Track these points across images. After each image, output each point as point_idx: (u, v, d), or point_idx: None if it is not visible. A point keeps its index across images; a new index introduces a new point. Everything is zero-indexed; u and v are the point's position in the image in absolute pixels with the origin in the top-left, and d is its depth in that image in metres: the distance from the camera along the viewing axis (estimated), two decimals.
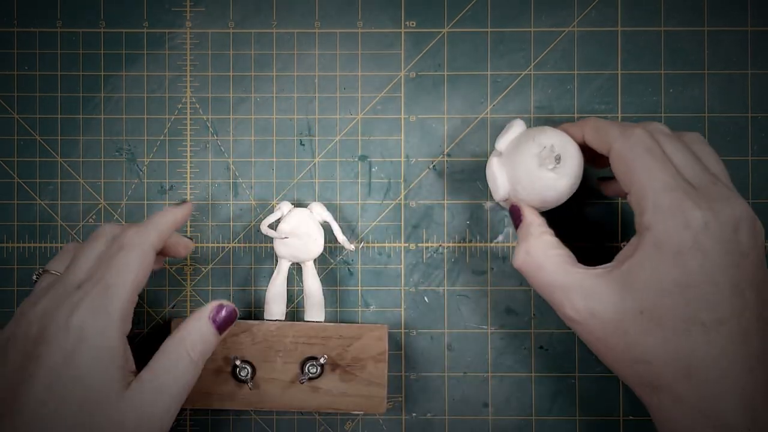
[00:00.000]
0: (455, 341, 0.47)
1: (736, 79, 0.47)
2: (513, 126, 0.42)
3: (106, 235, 0.39)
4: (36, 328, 0.34)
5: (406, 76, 0.48)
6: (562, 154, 0.39)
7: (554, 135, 0.40)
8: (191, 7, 0.48)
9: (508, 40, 0.48)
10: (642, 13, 0.48)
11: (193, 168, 0.48)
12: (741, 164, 0.47)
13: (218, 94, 0.48)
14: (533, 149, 0.40)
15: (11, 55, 0.48)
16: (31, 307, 0.36)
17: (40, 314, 0.35)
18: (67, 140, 0.48)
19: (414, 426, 0.47)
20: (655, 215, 0.33)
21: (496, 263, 0.47)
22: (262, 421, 0.47)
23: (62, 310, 0.34)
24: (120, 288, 0.35)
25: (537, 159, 0.39)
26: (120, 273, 0.35)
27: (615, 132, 0.36)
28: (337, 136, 0.48)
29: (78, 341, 0.33)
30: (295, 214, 0.44)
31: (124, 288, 0.35)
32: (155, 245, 0.37)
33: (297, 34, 0.48)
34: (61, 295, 0.35)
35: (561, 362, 0.47)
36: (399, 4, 0.48)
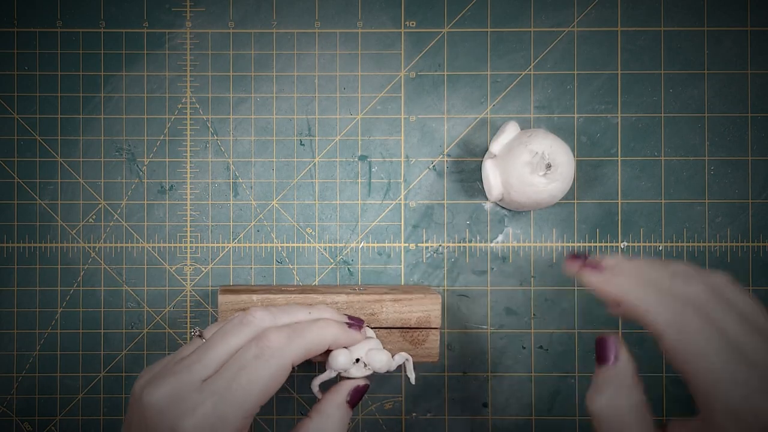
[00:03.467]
0: (455, 341, 0.47)
1: (736, 79, 0.47)
2: (507, 128, 0.43)
3: (255, 325, 0.35)
4: (150, 418, 0.33)
5: (406, 76, 0.48)
6: (553, 160, 0.41)
7: (545, 140, 0.41)
8: (191, 7, 0.48)
9: (508, 40, 0.48)
10: (642, 13, 0.48)
11: (193, 168, 0.48)
12: (741, 164, 0.47)
13: (218, 94, 0.48)
14: (525, 156, 0.41)
15: (11, 55, 0.48)
16: (154, 385, 0.33)
17: (156, 403, 0.33)
18: (67, 140, 0.48)
19: (414, 426, 0.47)
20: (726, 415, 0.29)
21: (496, 263, 0.47)
22: (263, 421, 0.47)
23: (175, 410, 0.32)
24: (242, 403, 0.32)
25: (529, 166, 0.41)
26: (250, 384, 0.32)
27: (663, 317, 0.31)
28: (337, 136, 0.48)
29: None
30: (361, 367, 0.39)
31: (245, 404, 0.32)
32: (296, 362, 0.34)
33: (297, 34, 0.48)
34: (181, 390, 0.33)
35: (561, 362, 0.47)
36: (399, 4, 0.48)
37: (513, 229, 0.47)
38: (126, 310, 0.48)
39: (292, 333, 0.34)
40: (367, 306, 0.42)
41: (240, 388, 0.32)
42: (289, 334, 0.34)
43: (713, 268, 0.47)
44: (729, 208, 0.47)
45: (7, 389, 0.47)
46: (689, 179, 0.47)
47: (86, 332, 0.47)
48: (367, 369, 0.38)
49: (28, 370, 0.47)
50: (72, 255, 0.47)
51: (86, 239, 0.47)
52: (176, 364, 0.35)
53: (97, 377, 0.47)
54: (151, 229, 0.48)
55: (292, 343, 0.34)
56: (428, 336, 0.42)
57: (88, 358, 0.47)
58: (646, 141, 0.47)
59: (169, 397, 0.33)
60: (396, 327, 0.42)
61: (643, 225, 0.47)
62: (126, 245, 0.48)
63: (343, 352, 0.37)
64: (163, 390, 0.33)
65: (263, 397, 0.33)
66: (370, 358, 0.37)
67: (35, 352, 0.47)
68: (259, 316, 0.36)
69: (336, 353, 0.37)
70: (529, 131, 0.41)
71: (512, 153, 0.41)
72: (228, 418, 0.32)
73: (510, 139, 0.42)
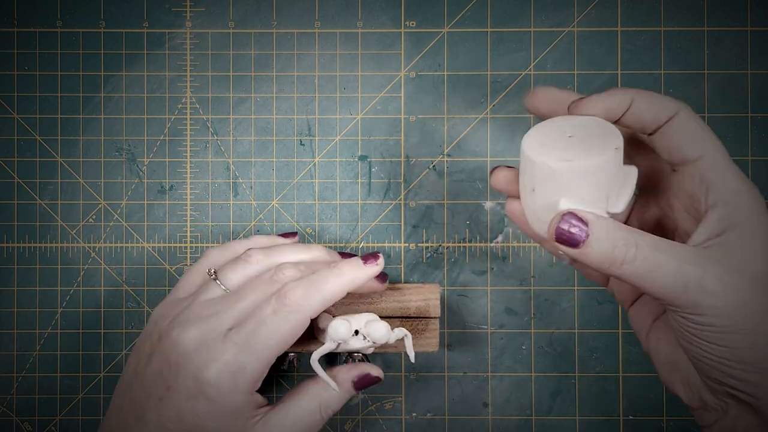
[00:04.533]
0: (455, 341, 0.47)
1: (736, 79, 0.47)
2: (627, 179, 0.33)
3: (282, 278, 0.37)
4: (175, 357, 0.35)
5: (406, 76, 0.48)
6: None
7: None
8: (191, 7, 0.48)
9: (508, 40, 0.48)
10: (642, 13, 0.48)
11: (193, 168, 0.48)
12: (741, 164, 0.47)
13: (218, 94, 0.48)
14: None
15: (11, 55, 0.48)
16: (184, 327, 0.36)
17: (183, 346, 0.35)
18: (67, 140, 0.48)
19: (414, 426, 0.47)
20: (735, 179, 0.30)
21: (495, 263, 0.47)
22: None
23: (201, 356, 0.34)
24: (261, 356, 0.34)
25: None
26: (268, 338, 0.34)
27: (672, 100, 0.32)
28: (337, 136, 0.48)
29: (200, 393, 0.34)
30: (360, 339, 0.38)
31: (264, 355, 0.34)
32: (315, 315, 0.36)
33: (297, 34, 0.48)
34: (208, 337, 0.35)
35: (561, 362, 0.47)
36: (399, 4, 0.48)
37: (513, 229, 0.47)
38: (126, 310, 0.48)
39: (310, 287, 0.35)
40: (366, 294, 0.42)
41: (259, 342, 0.34)
42: (307, 290, 0.35)
43: None
44: None
45: (7, 389, 0.47)
46: None
47: (86, 332, 0.47)
48: (367, 341, 0.37)
49: (28, 370, 0.47)
50: (72, 255, 0.47)
51: (86, 239, 0.47)
52: (203, 308, 0.37)
53: (97, 377, 0.47)
54: (151, 229, 0.48)
55: (309, 298, 0.35)
56: (428, 325, 0.42)
57: (88, 358, 0.47)
58: None
59: (197, 342, 0.35)
60: (395, 316, 0.41)
61: None
62: (126, 245, 0.48)
63: (343, 323, 0.37)
64: (193, 334, 0.35)
65: (280, 348, 0.35)
66: (369, 329, 0.37)
67: (35, 352, 0.47)
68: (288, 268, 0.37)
69: (336, 323, 0.37)
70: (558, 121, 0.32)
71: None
72: (247, 367, 0.34)
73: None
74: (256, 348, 0.34)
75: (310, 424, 0.36)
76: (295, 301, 0.35)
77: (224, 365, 0.34)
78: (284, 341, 0.35)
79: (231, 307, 0.36)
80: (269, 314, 0.35)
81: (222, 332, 0.35)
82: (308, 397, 0.36)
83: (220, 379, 0.34)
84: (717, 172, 0.31)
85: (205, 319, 0.36)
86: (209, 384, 0.34)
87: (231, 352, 0.34)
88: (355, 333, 0.37)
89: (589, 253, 0.29)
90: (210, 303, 0.37)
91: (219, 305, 0.37)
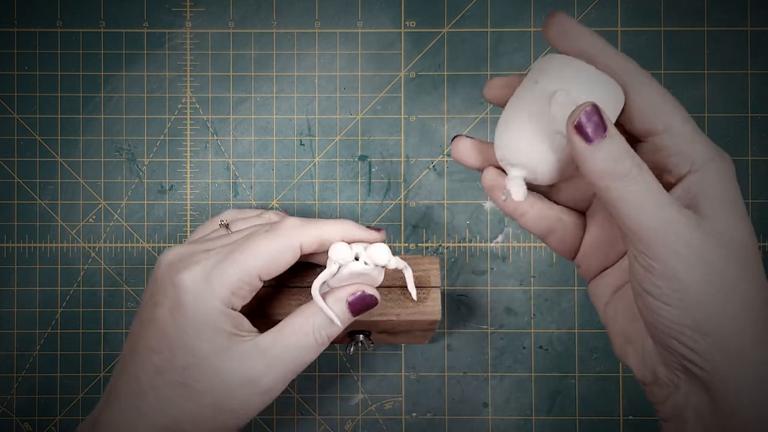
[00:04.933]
0: (455, 341, 0.47)
1: (736, 79, 0.47)
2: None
3: (270, 217, 0.39)
4: (161, 272, 0.35)
5: (406, 76, 0.48)
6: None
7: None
8: (191, 7, 0.48)
9: (508, 40, 0.48)
10: (642, 13, 0.48)
11: (193, 168, 0.48)
12: (741, 164, 0.47)
13: (218, 94, 0.48)
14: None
15: (11, 55, 0.48)
16: (175, 248, 0.36)
17: (168, 261, 0.35)
18: (67, 140, 0.48)
19: (414, 426, 0.47)
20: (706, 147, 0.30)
21: (495, 263, 0.47)
22: (263, 421, 0.47)
23: (179, 265, 0.34)
24: (241, 265, 0.34)
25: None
26: (251, 253, 0.34)
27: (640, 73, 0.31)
28: (337, 136, 0.48)
29: (178, 300, 0.34)
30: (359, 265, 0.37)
31: (244, 266, 0.34)
32: (305, 245, 0.35)
33: (297, 34, 0.48)
34: (189, 252, 0.35)
35: (561, 362, 0.47)
36: (399, 4, 0.48)
37: (513, 229, 0.47)
38: (126, 310, 0.48)
39: (308, 221, 0.36)
40: None
41: (243, 251, 0.34)
42: (304, 221, 0.36)
43: None
44: None
45: (7, 389, 0.47)
46: None
47: (86, 332, 0.47)
48: (368, 266, 0.36)
49: (28, 370, 0.47)
50: (72, 255, 0.47)
51: (86, 239, 0.48)
52: (201, 239, 0.37)
53: (97, 377, 0.47)
54: (151, 229, 0.48)
55: (304, 227, 0.35)
56: (429, 294, 0.41)
57: (88, 358, 0.47)
58: None
59: (182, 255, 0.35)
60: (396, 285, 0.41)
61: None
62: (126, 245, 0.48)
63: (344, 244, 0.36)
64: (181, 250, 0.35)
65: (264, 266, 0.34)
66: (370, 252, 0.36)
67: (35, 352, 0.47)
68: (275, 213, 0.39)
69: (337, 244, 0.36)
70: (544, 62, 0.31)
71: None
72: (225, 272, 0.33)
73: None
74: (236, 257, 0.34)
75: (303, 347, 0.35)
76: (290, 226, 0.35)
77: (201, 269, 0.34)
78: (268, 257, 0.34)
79: (227, 236, 0.36)
80: (261, 232, 0.35)
81: (202, 250, 0.35)
82: (301, 320, 0.35)
83: (194, 282, 0.33)
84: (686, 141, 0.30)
85: (198, 242, 0.36)
86: (183, 287, 0.33)
87: (212, 259, 0.34)
88: (356, 259, 0.37)
89: (596, 154, 0.28)
90: (209, 236, 0.38)
91: (216, 236, 0.37)
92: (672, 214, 0.28)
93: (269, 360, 0.34)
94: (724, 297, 0.28)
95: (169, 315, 0.34)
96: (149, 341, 0.34)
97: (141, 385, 0.34)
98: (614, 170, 0.28)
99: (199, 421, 0.34)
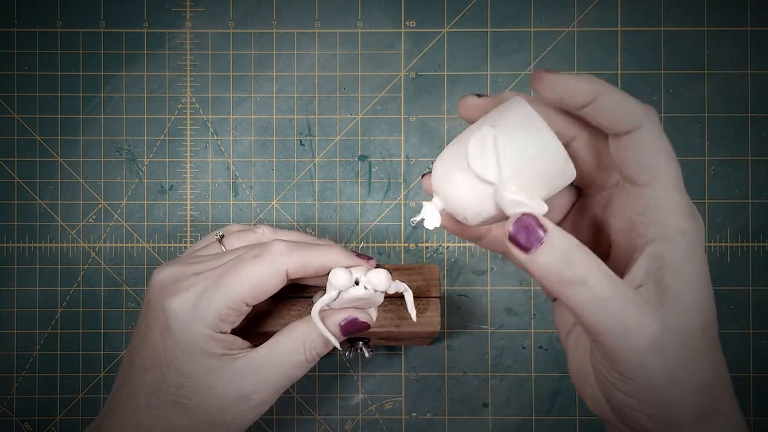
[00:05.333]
0: (455, 341, 0.47)
1: (736, 79, 0.47)
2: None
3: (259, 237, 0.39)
4: (152, 296, 0.35)
5: (406, 76, 0.48)
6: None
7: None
8: (191, 7, 0.48)
9: (508, 40, 0.48)
10: (642, 13, 0.48)
11: (193, 168, 0.48)
12: (741, 164, 0.47)
13: (218, 94, 0.48)
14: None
15: (11, 55, 0.48)
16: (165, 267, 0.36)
17: (160, 283, 0.35)
18: (67, 140, 0.48)
19: (414, 426, 0.47)
20: (683, 216, 0.28)
21: (496, 263, 0.47)
22: (262, 422, 0.47)
23: (169, 289, 0.35)
24: (228, 293, 0.34)
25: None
26: (237, 281, 0.34)
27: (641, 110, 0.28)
28: (337, 136, 0.48)
29: (167, 325, 0.34)
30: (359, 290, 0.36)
31: (231, 294, 0.34)
32: (291, 271, 0.35)
33: (297, 34, 0.48)
34: (179, 275, 0.36)
35: (561, 362, 0.47)
36: (399, 4, 0.48)
37: None
38: (126, 310, 0.48)
39: (296, 246, 0.36)
40: None
41: (230, 278, 0.34)
42: (292, 246, 0.35)
43: (713, 268, 0.47)
44: (729, 208, 0.47)
45: (7, 389, 0.47)
46: (689, 179, 0.47)
47: (86, 332, 0.47)
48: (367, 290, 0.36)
49: (28, 370, 0.47)
50: (72, 255, 0.47)
51: (86, 239, 0.48)
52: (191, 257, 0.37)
53: (97, 377, 0.47)
54: (151, 229, 0.48)
55: (291, 253, 0.35)
56: (429, 305, 0.41)
57: (88, 358, 0.47)
58: None
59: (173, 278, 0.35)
60: (396, 296, 0.41)
61: None
62: (126, 245, 0.48)
63: (344, 270, 0.36)
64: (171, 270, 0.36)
65: (251, 292, 0.34)
66: (370, 277, 0.36)
67: (35, 352, 0.47)
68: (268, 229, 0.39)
69: (337, 270, 0.36)
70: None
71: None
72: (212, 300, 0.34)
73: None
74: (224, 284, 0.34)
75: (295, 364, 0.35)
76: (277, 252, 0.35)
77: (190, 295, 0.34)
78: (255, 285, 0.34)
79: (217, 257, 0.37)
80: (248, 258, 0.35)
81: (191, 273, 0.35)
82: (293, 337, 0.36)
83: (182, 309, 0.34)
84: (663, 205, 0.28)
85: (189, 263, 0.36)
86: (172, 313, 0.34)
87: (201, 285, 0.34)
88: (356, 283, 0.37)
89: (536, 261, 0.26)
90: (200, 255, 0.38)
91: (207, 256, 0.37)
92: (627, 311, 0.26)
93: (261, 376, 0.35)
94: (675, 383, 0.27)
95: (160, 338, 0.34)
96: (144, 361, 0.35)
97: (138, 401, 0.35)
98: (559, 276, 0.26)
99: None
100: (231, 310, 0.34)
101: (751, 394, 0.47)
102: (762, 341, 0.47)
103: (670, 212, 0.28)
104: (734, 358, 0.47)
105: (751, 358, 0.47)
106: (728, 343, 0.47)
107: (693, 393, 0.28)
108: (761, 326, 0.47)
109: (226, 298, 0.34)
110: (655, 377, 0.27)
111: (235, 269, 0.34)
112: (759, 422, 0.47)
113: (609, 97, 0.27)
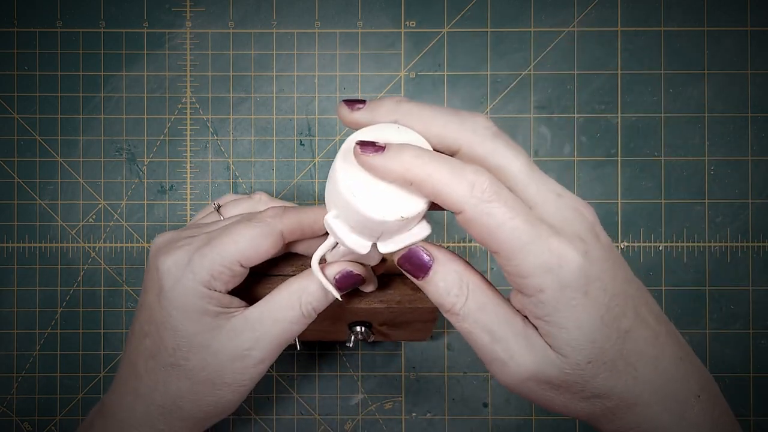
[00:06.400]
0: (455, 341, 0.47)
1: (736, 79, 0.47)
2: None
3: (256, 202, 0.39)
4: (150, 260, 0.35)
5: (406, 76, 0.48)
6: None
7: None
8: (191, 7, 0.48)
9: (508, 40, 0.48)
10: (642, 13, 0.48)
11: (193, 168, 0.48)
12: (741, 164, 0.47)
13: (218, 94, 0.48)
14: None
15: (11, 55, 0.48)
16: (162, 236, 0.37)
17: (156, 247, 0.36)
18: (67, 140, 0.48)
19: (414, 426, 0.47)
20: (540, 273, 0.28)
21: (496, 263, 0.47)
22: (262, 422, 0.47)
23: (163, 250, 0.35)
24: (221, 251, 0.34)
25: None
26: (231, 240, 0.34)
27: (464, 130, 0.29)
28: (337, 136, 0.48)
29: (161, 284, 0.34)
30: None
31: (224, 252, 0.34)
32: (286, 231, 0.35)
33: (297, 34, 0.48)
34: (176, 237, 0.36)
35: None
36: (399, 4, 0.48)
37: None
38: (126, 310, 0.48)
39: (289, 208, 0.36)
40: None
41: (224, 237, 0.34)
42: (286, 209, 0.36)
43: (713, 268, 0.47)
44: (729, 208, 0.47)
45: (7, 389, 0.47)
46: (689, 179, 0.47)
47: (86, 332, 0.47)
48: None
49: (28, 370, 0.47)
50: (72, 255, 0.47)
51: (86, 239, 0.48)
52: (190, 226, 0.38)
53: (97, 377, 0.47)
54: (151, 229, 0.48)
55: (285, 214, 0.35)
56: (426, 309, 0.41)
57: (88, 358, 0.47)
58: (646, 141, 0.47)
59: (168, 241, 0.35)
60: (396, 273, 0.41)
61: (643, 225, 0.47)
62: (126, 245, 0.48)
63: None
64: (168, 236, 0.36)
65: (244, 252, 0.34)
66: None
67: (35, 352, 0.47)
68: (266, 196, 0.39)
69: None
70: None
71: None
72: (206, 257, 0.34)
73: None
74: (217, 243, 0.34)
75: (291, 319, 0.35)
76: (270, 215, 0.35)
77: (183, 253, 0.34)
78: (247, 244, 0.34)
79: (214, 222, 0.37)
80: (243, 221, 0.35)
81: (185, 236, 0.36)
82: (288, 292, 0.35)
83: (176, 266, 0.34)
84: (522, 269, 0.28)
85: (187, 228, 0.37)
86: (165, 270, 0.34)
87: (194, 244, 0.34)
88: None
89: (427, 290, 0.30)
90: (199, 221, 0.38)
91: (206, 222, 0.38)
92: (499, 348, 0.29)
93: (258, 333, 0.35)
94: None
95: (155, 299, 0.35)
96: (141, 326, 0.35)
97: (137, 369, 0.35)
98: (443, 306, 0.29)
99: (197, 397, 0.35)
100: (224, 268, 0.34)
101: (751, 394, 0.47)
102: (762, 341, 0.47)
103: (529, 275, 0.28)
104: (734, 358, 0.47)
105: (751, 358, 0.47)
106: (728, 343, 0.47)
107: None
108: (761, 326, 0.47)
109: (220, 257, 0.34)
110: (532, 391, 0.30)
111: (229, 229, 0.35)
112: (759, 422, 0.47)
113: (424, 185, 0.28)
